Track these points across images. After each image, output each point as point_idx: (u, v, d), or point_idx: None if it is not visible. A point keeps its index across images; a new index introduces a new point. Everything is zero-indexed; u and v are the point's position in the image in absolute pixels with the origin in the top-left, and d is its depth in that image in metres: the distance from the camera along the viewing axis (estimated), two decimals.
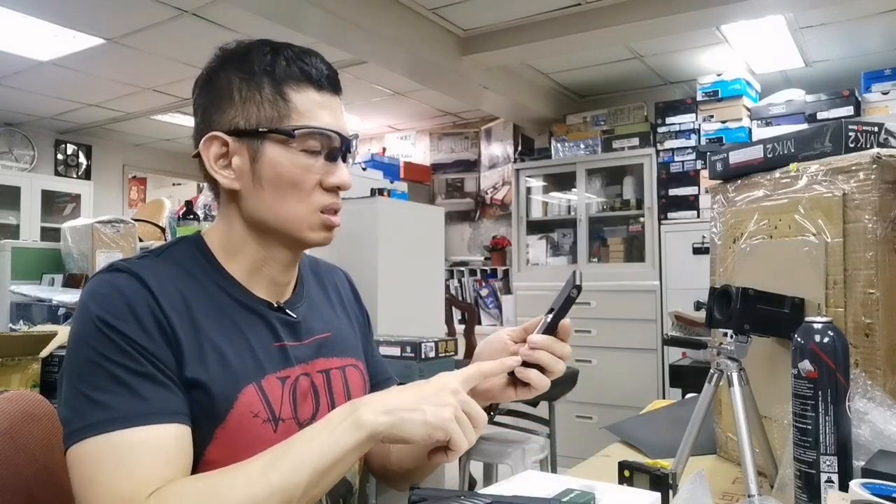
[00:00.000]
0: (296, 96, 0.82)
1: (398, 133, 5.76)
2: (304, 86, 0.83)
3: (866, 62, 3.77)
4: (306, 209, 0.83)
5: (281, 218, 0.83)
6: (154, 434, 0.71)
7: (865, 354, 0.85)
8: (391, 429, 0.71)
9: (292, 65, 0.82)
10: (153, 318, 0.76)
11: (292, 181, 0.82)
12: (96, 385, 0.72)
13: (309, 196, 0.83)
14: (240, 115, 0.82)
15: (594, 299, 4.08)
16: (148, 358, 0.74)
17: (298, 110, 0.82)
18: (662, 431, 1.30)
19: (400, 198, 3.17)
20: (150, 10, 3.17)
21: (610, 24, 3.26)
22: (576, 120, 4.56)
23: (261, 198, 0.83)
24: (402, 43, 3.34)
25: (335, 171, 0.84)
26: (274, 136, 0.81)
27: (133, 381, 0.72)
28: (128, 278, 0.77)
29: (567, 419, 3.86)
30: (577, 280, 0.80)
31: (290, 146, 0.81)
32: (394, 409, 0.71)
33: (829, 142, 0.93)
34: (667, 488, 0.77)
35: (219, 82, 0.84)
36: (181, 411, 0.74)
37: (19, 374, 1.57)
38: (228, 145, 0.82)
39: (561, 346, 0.83)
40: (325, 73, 0.84)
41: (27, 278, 2.81)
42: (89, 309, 0.75)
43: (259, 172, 0.82)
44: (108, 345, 0.73)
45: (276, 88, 0.82)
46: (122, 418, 0.70)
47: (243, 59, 0.84)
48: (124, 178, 6.26)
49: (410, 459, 0.96)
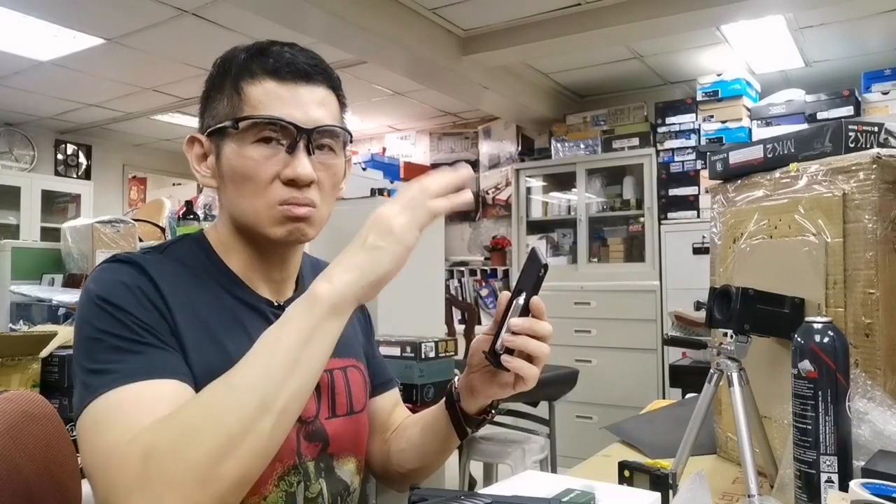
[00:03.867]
0: (251, 89, 0.81)
1: (398, 133, 5.76)
2: (261, 78, 0.81)
3: (866, 62, 3.77)
4: (263, 203, 0.81)
5: (242, 213, 0.83)
6: (150, 389, 0.70)
7: (865, 354, 0.85)
8: (359, 281, 0.69)
9: (254, 59, 0.82)
10: (153, 302, 0.76)
11: (244, 174, 0.81)
12: (98, 358, 0.72)
13: (265, 190, 0.81)
14: (209, 114, 0.84)
15: (594, 299, 4.08)
16: (148, 330, 0.74)
17: (251, 102, 0.81)
18: (662, 431, 1.30)
19: None
20: (150, 10, 3.17)
21: (610, 24, 3.26)
22: (576, 120, 4.56)
23: (227, 194, 0.84)
24: (402, 43, 3.34)
25: (291, 163, 0.81)
26: (228, 130, 0.81)
27: (133, 347, 0.73)
28: (129, 267, 0.79)
29: (567, 419, 3.86)
30: (543, 259, 0.77)
31: (243, 140, 0.81)
32: (350, 266, 0.69)
33: (829, 142, 0.93)
34: (667, 488, 0.77)
35: (206, 87, 0.86)
36: (181, 371, 0.74)
37: (19, 374, 1.57)
38: (203, 145, 0.86)
39: (540, 326, 0.78)
40: (288, 63, 0.81)
41: (27, 278, 2.81)
42: (90, 292, 0.76)
43: (222, 169, 0.83)
44: (108, 319, 0.73)
45: (233, 84, 0.82)
46: (119, 378, 0.70)
47: (224, 60, 0.85)
48: (124, 178, 6.26)
49: (412, 459, 0.96)
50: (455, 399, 0.91)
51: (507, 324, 0.78)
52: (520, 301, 0.79)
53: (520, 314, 0.78)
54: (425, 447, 0.95)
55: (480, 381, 0.86)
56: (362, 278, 0.69)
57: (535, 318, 0.79)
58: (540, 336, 0.79)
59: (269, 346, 0.68)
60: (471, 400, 0.89)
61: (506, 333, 0.78)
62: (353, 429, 0.92)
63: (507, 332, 0.78)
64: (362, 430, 0.95)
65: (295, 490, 0.82)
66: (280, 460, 0.80)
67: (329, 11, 2.96)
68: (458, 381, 0.92)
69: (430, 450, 0.95)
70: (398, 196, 0.72)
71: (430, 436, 0.94)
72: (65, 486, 0.88)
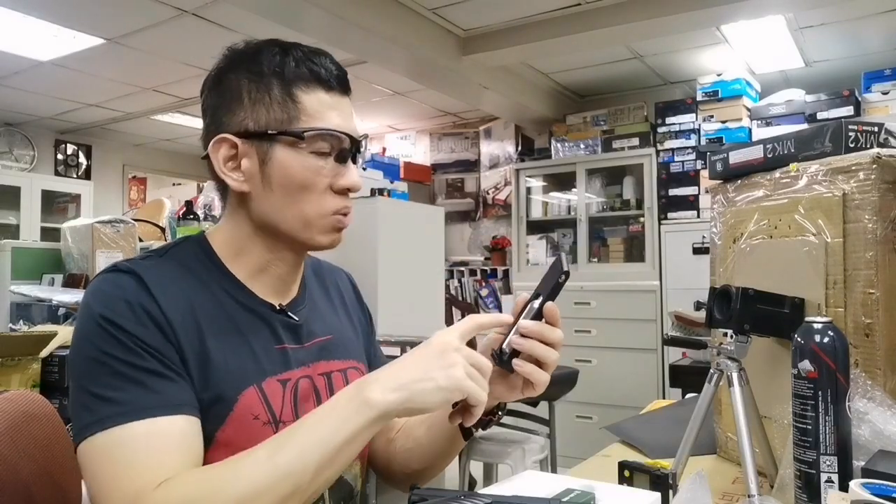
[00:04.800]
0: (305, 97, 0.81)
1: (398, 133, 5.76)
2: (314, 87, 0.82)
3: (866, 62, 3.77)
4: (317, 212, 0.82)
5: (291, 221, 0.83)
6: (159, 426, 0.71)
7: (865, 354, 0.85)
8: (405, 404, 0.70)
9: (301, 65, 0.82)
10: (153, 318, 0.76)
11: (302, 184, 0.81)
12: (101, 382, 0.72)
13: (319, 199, 0.82)
14: (249, 116, 0.81)
15: (594, 299, 4.08)
16: (152, 353, 0.74)
17: (308, 112, 0.81)
18: (662, 431, 1.30)
19: (400, 198, 3.17)
20: (150, 10, 3.17)
21: (610, 24, 3.26)
22: (576, 120, 4.56)
23: (271, 200, 0.82)
24: (402, 43, 3.34)
25: (345, 173, 0.83)
26: (283, 138, 0.80)
27: (138, 375, 0.73)
28: (129, 278, 0.78)
29: (567, 419, 3.86)
30: (566, 265, 0.77)
31: (300, 148, 0.81)
32: (404, 383, 0.70)
33: (829, 142, 0.93)
34: (667, 488, 0.77)
35: (228, 83, 0.83)
36: (187, 403, 0.74)
37: (19, 374, 1.57)
38: (238, 147, 0.82)
39: (552, 332, 0.78)
40: (334, 74, 0.83)
41: (27, 278, 2.82)
42: (92, 308, 0.75)
43: (269, 175, 0.81)
44: (111, 342, 0.73)
45: (286, 90, 0.81)
46: (127, 412, 0.71)
47: (252, 60, 0.83)
48: (124, 178, 6.26)
49: (417, 459, 0.95)
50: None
51: (518, 325, 0.78)
52: (535, 304, 0.78)
53: (533, 318, 0.78)
54: (431, 447, 0.94)
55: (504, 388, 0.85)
56: (410, 401, 0.70)
57: (547, 324, 0.78)
58: (550, 342, 0.78)
59: (315, 434, 0.70)
60: None
61: (515, 335, 0.78)
62: None
63: (516, 335, 0.78)
64: None
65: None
66: None
67: (329, 11, 2.96)
68: None
69: (436, 450, 0.94)
70: (464, 332, 0.75)
71: (437, 435, 0.93)
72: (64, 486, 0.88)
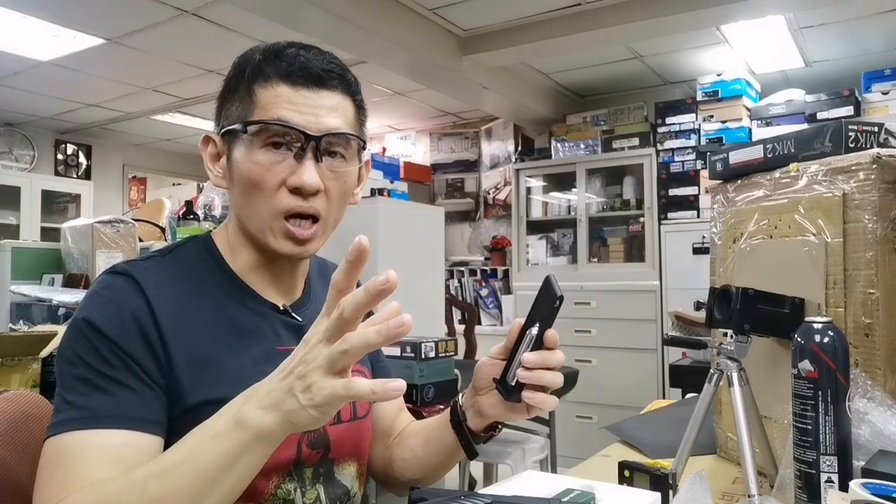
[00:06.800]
0: (262, 92, 0.80)
1: (398, 133, 5.76)
2: (274, 81, 0.80)
3: (866, 62, 3.77)
4: (269, 211, 0.80)
5: (250, 220, 0.83)
6: (99, 439, 0.69)
7: (865, 354, 0.85)
8: (284, 424, 0.62)
9: (268, 62, 0.81)
10: (140, 323, 0.75)
11: (251, 179, 0.80)
12: (70, 386, 0.72)
13: (271, 197, 0.79)
14: (224, 115, 0.84)
15: (594, 299, 4.08)
16: (125, 362, 0.73)
17: (261, 105, 0.80)
18: (662, 431, 1.30)
19: (400, 198, 3.17)
20: (150, 10, 3.17)
21: (610, 24, 3.26)
22: (576, 120, 4.56)
23: (235, 197, 0.84)
24: (402, 43, 3.34)
25: (297, 171, 0.79)
26: (239, 134, 0.81)
27: (102, 383, 0.72)
28: (124, 281, 0.77)
29: (567, 419, 3.86)
30: (558, 290, 0.75)
31: (252, 144, 0.80)
32: (276, 401, 0.62)
33: (829, 142, 0.93)
34: (667, 488, 0.77)
35: (222, 86, 0.86)
36: (143, 418, 0.72)
37: (19, 374, 1.57)
38: (217, 145, 0.85)
39: (554, 357, 0.77)
40: (301, 67, 0.80)
41: (27, 278, 2.82)
42: (80, 310, 0.76)
43: (231, 171, 0.83)
44: (87, 348, 0.73)
45: (247, 86, 0.81)
46: (76, 420, 0.70)
47: (242, 60, 0.84)
48: (124, 178, 6.26)
49: (414, 469, 0.95)
50: (462, 419, 0.88)
51: (521, 359, 0.77)
52: (533, 332, 0.77)
53: (532, 346, 0.77)
54: (429, 460, 0.93)
55: (491, 406, 0.84)
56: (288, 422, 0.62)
57: (547, 350, 0.77)
58: (552, 367, 0.77)
59: (191, 462, 0.64)
60: (478, 420, 0.87)
61: (520, 370, 0.77)
62: (356, 434, 0.91)
63: (520, 368, 0.77)
64: (366, 435, 0.94)
65: (293, 497, 0.81)
66: (276, 471, 0.79)
67: (329, 11, 2.96)
68: (462, 398, 0.89)
69: (433, 463, 0.93)
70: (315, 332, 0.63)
71: (435, 450, 0.92)
72: None
